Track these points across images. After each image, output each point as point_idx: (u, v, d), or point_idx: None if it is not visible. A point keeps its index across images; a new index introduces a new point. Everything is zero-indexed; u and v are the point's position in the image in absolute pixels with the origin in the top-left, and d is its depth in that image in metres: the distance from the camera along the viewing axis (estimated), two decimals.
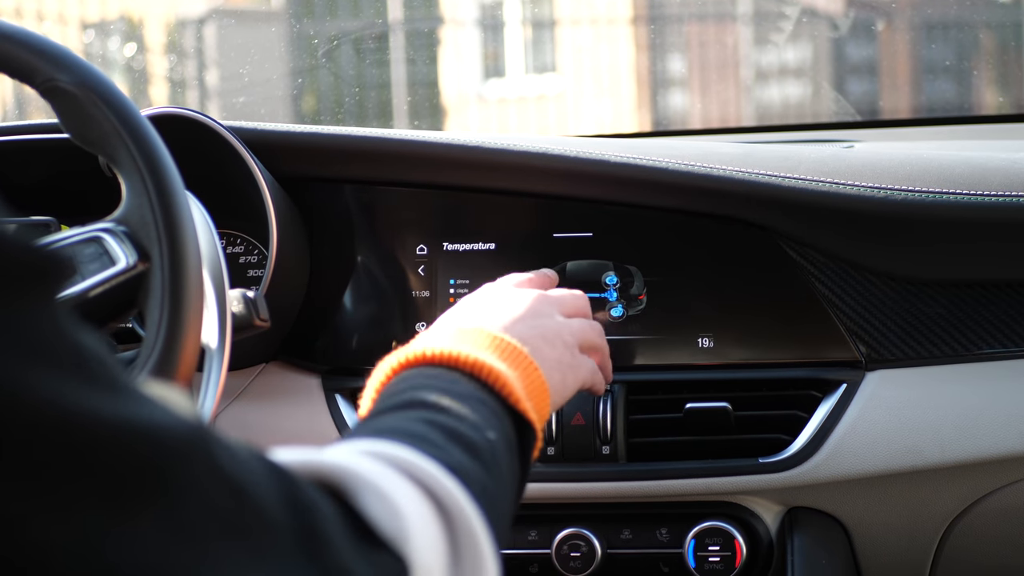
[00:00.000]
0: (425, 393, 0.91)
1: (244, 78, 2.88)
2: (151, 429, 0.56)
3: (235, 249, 1.61)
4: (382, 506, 0.72)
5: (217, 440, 0.61)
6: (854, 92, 3.34)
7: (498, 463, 0.88)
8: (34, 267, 0.54)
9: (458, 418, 0.88)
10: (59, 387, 0.52)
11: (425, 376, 0.95)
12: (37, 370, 0.52)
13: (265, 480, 0.64)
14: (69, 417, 0.52)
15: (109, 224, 1.13)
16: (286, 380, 1.55)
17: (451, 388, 0.92)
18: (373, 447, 0.79)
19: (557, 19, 4.61)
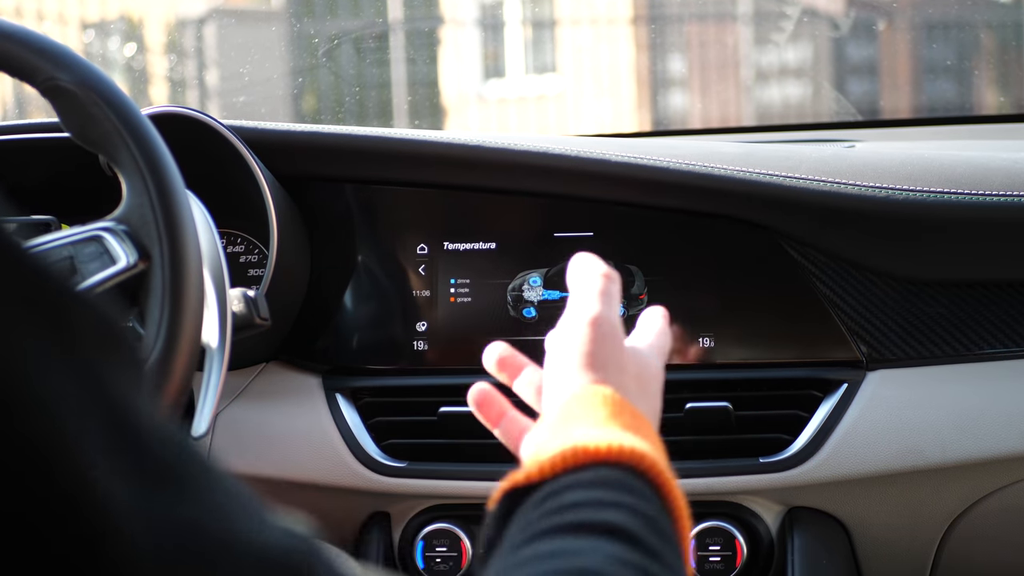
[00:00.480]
0: (626, 517, 0.67)
1: (244, 78, 2.88)
2: (240, 550, 0.45)
3: (235, 248, 1.61)
4: None
5: (327, 565, 0.50)
6: (855, 92, 3.34)
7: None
8: (115, 336, 0.47)
9: (655, 560, 0.66)
10: (117, 490, 0.43)
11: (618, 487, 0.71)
12: (112, 463, 0.43)
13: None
14: (134, 524, 0.43)
15: (109, 223, 1.13)
16: (286, 380, 1.55)
17: (655, 522, 0.69)
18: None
19: (557, 19, 4.61)
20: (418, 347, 1.52)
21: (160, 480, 0.44)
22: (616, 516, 0.67)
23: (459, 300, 1.52)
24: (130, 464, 0.43)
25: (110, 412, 0.44)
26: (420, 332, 1.52)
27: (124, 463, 0.43)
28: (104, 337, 0.46)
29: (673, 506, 0.73)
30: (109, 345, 0.46)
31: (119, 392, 0.45)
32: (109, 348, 0.46)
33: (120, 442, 0.44)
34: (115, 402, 0.45)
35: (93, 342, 0.45)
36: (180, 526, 0.44)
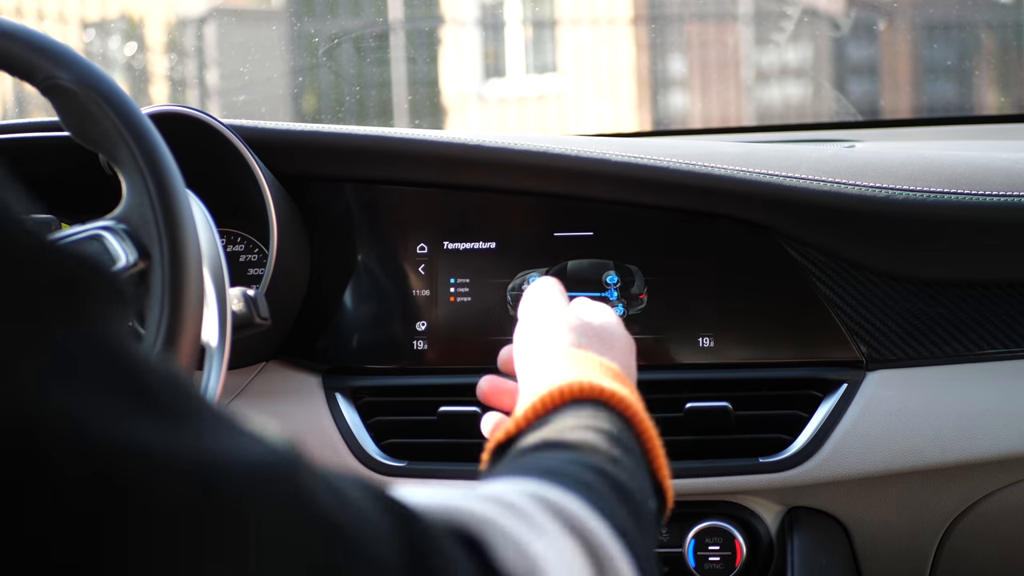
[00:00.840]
0: (596, 436, 0.81)
1: (244, 77, 2.88)
2: (224, 463, 0.49)
3: (235, 247, 1.61)
4: (518, 558, 0.63)
5: (313, 473, 0.54)
6: (855, 92, 3.34)
7: (651, 534, 0.78)
8: (78, 282, 0.50)
9: (628, 476, 0.78)
10: (110, 418, 0.46)
11: (593, 416, 0.84)
12: (85, 395, 0.46)
13: (377, 522, 0.57)
14: (119, 455, 0.46)
15: (109, 222, 1.13)
16: (286, 379, 1.55)
17: (621, 440, 0.82)
18: (538, 489, 0.70)
19: (557, 19, 4.61)
20: (418, 347, 1.52)
21: (154, 409, 0.48)
22: (581, 434, 0.80)
23: (459, 299, 1.52)
24: (124, 395, 0.48)
25: (98, 348, 0.48)
26: (420, 332, 1.52)
27: (119, 395, 0.47)
28: (82, 282, 0.50)
29: (639, 428, 0.87)
30: (88, 288, 0.50)
31: (104, 330, 0.49)
32: (88, 291, 0.50)
33: (114, 376, 0.48)
34: (100, 339, 0.49)
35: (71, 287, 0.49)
36: (177, 449, 0.47)
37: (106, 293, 0.51)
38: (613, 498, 0.74)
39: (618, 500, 0.74)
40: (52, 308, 0.48)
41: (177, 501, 0.47)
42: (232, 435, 0.51)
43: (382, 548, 0.56)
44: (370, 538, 0.55)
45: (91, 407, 0.46)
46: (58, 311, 0.48)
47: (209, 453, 0.49)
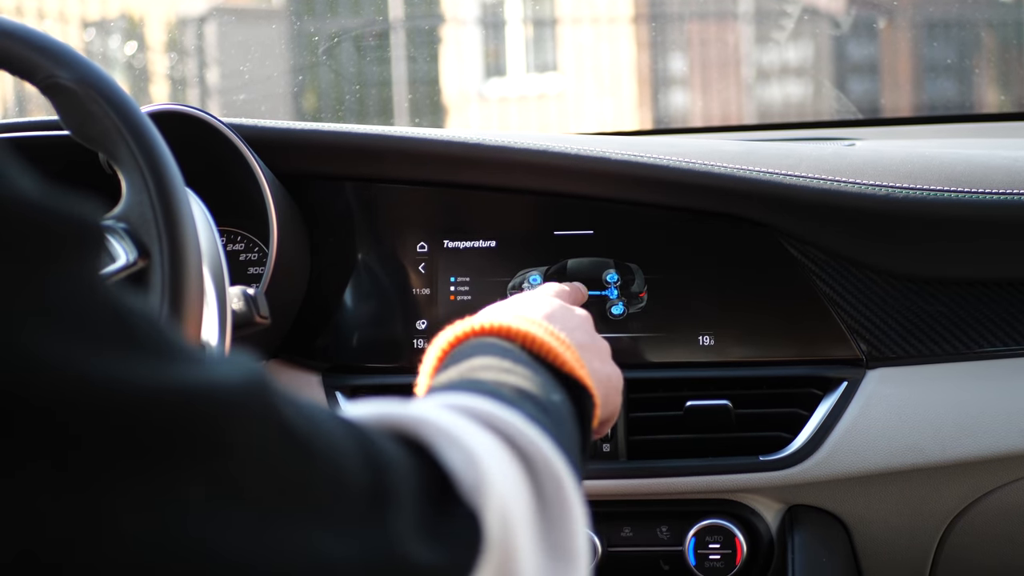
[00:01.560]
0: (485, 358, 0.90)
1: (245, 76, 2.88)
2: (201, 388, 0.53)
3: (235, 246, 1.61)
4: (461, 456, 0.69)
5: (281, 395, 0.59)
6: (855, 90, 3.34)
7: (565, 424, 0.86)
8: (67, 231, 0.53)
9: (522, 378, 0.86)
10: (95, 356, 0.50)
11: (481, 346, 0.93)
12: (71, 340, 0.50)
13: (337, 436, 0.62)
14: (105, 387, 0.50)
15: (109, 221, 1.13)
16: (287, 378, 1.55)
17: (508, 355, 0.91)
18: (450, 400, 0.76)
19: (558, 18, 4.61)
20: (418, 345, 1.52)
21: (134, 345, 0.52)
22: (489, 359, 0.89)
23: (459, 298, 1.52)
24: (107, 334, 0.52)
25: (79, 291, 0.52)
26: (420, 330, 1.52)
27: (102, 334, 0.51)
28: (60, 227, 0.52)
29: (526, 343, 0.95)
30: (66, 233, 0.53)
31: (83, 273, 0.52)
32: (66, 236, 0.53)
33: (95, 317, 0.52)
34: (80, 282, 0.52)
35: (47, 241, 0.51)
36: (157, 379, 0.52)
37: (83, 237, 0.53)
38: (515, 398, 0.81)
39: (520, 398, 0.81)
40: (33, 254, 0.50)
41: (160, 427, 0.51)
42: (207, 364, 0.55)
43: (343, 459, 0.61)
44: (333, 450, 0.60)
45: (77, 346, 0.50)
46: (39, 257, 0.51)
47: (187, 380, 0.53)
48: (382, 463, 0.64)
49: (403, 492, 0.64)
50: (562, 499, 0.74)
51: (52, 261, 0.51)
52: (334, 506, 0.59)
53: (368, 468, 0.62)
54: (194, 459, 0.52)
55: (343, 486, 0.60)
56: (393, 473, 0.64)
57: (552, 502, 0.74)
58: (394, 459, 0.65)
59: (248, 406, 0.56)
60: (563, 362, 0.94)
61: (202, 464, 0.52)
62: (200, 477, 0.52)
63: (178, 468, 0.51)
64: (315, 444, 0.59)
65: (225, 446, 0.54)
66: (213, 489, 0.53)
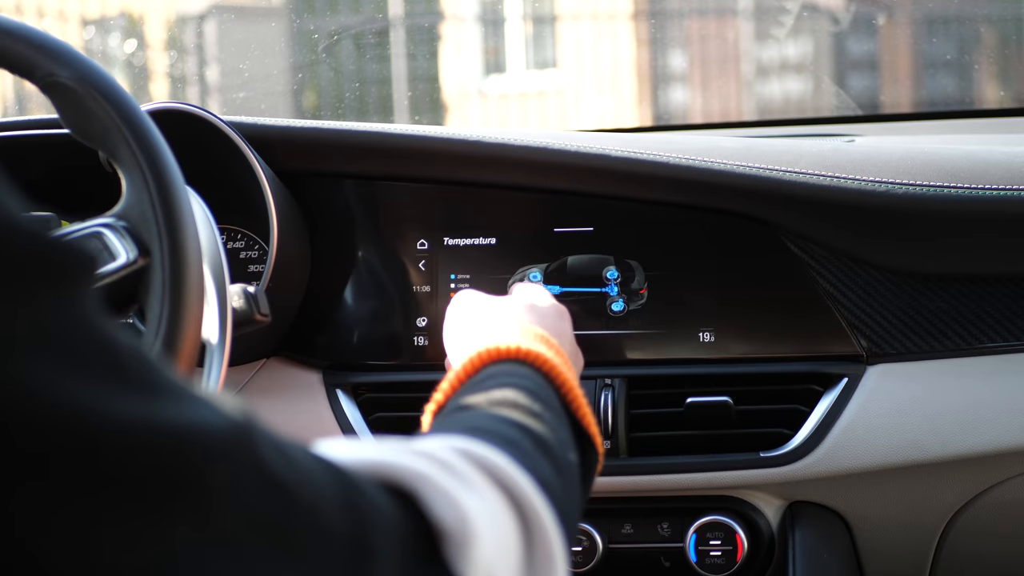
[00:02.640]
0: (515, 392, 0.87)
1: (244, 74, 2.88)
2: (186, 430, 0.53)
3: (236, 244, 1.61)
4: (451, 512, 0.68)
5: (265, 439, 0.58)
6: (855, 86, 3.34)
7: (574, 486, 0.85)
8: (56, 261, 0.52)
9: (548, 429, 0.84)
10: (84, 389, 0.50)
11: (514, 374, 0.91)
12: (61, 371, 0.50)
13: (321, 483, 0.61)
14: (92, 421, 0.50)
15: (109, 219, 1.13)
16: (287, 375, 1.55)
17: (538, 394, 0.89)
18: (464, 444, 0.75)
19: (558, 15, 4.61)
20: (418, 343, 1.52)
21: (124, 381, 0.52)
22: (503, 392, 0.86)
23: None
24: (97, 370, 0.51)
25: (72, 324, 0.52)
26: (420, 328, 1.52)
27: (91, 369, 0.51)
28: (56, 262, 0.52)
29: (558, 382, 0.94)
30: (62, 268, 0.53)
31: (76, 307, 0.52)
32: (62, 271, 0.53)
33: (86, 351, 0.52)
34: (73, 315, 0.52)
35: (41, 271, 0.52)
36: (145, 418, 0.52)
37: (76, 272, 0.54)
38: (534, 452, 0.79)
39: (539, 453, 0.80)
40: (26, 283, 0.50)
41: (144, 465, 0.51)
42: (194, 405, 0.55)
43: (326, 506, 0.60)
44: (316, 498, 0.60)
45: (66, 377, 0.50)
46: (32, 286, 0.51)
47: (173, 419, 0.53)
48: (366, 513, 0.63)
49: (386, 544, 0.63)
50: (550, 560, 0.73)
51: (45, 291, 0.51)
52: (313, 554, 0.59)
53: (350, 517, 0.61)
54: (176, 499, 0.52)
55: (323, 534, 0.59)
56: (377, 524, 0.63)
57: (541, 562, 0.73)
58: (379, 509, 0.64)
59: (232, 450, 0.55)
60: (583, 414, 0.94)
61: (183, 505, 0.52)
62: (181, 518, 0.52)
63: (160, 507, 0.51)
64: (298, 491, 0.58)
65: (208, 489, 0.53)
66: (191, 529, 0.52)
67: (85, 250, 0.55)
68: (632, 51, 4.36)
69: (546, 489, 0.76)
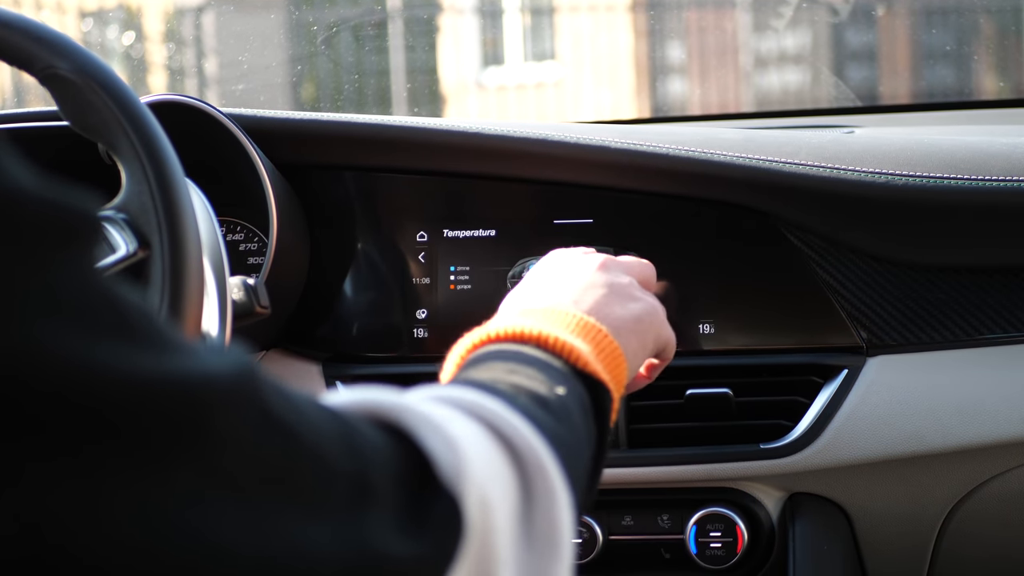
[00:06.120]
0: (492, 361, 0.89)
1: (243, 66, 2.87)
2: (192, 378, 0.54)
3: (235, 236, 1.60)
4: (441, 442, 0.69)
5: (267, 384, 0.60)
6: (854, 78, 3.34)
7: (570, 417, 0.85)
8: (62, 221, 0.53)
9: (524, 376, 0.85)
10: (92, 345, 0.51)
11: (491, 354, 0.92)
12: (67, 327, 0.51)
13: (321, 425, 0.62)
14: (101, 375, 0.51)
15: (109, 212, 1.13)
16: (287, 367, 1.55)
17: (518, 355, 0.90)
18: (436, 393, 0.77)
19: (556, 6, 4.61)
20: (418, 334, 1.52)
21: (128, 335, 0.53)
22: (489, 366, 0.87)
23: (459, 287, 1.52)
24: (102, 325, 0.52)
25: (76, 282, 0.53)
26: (420, 319, 1.52)
27: (97, 325, 0.52)
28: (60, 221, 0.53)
29: (558, 349, 0.92)
30: (66, 227, 0.53)
31: (80, 264, 0.53)
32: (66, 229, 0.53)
33: (91, 308, 0.53)
34: (77, 273, 0.53)
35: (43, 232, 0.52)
36: (150, 368, 0.53)
37: (83, 230, 0.54)
38: (511, 391, 0.81)
39: (517, 393, 0.81)
40: (30, 243, 0.51)
41: (152, 414, 0.52)
42: (198, 356, 0.56)
43: (328, 447, 0.61)
44: (318, 439, 0.61)
45: (73, 334, 0.51)
46: (36, 246, 0.51)
47: (178, 369, 0.54)
48: (364, 452, 0.64)
49: (384, 480, 0.65)
50: (548, 490, 0.74)
51: (49, 250, 0.52)
52: (317, 496, 0.60)
53: (351, 457, 0.63)
54: (182, 446, 0.53)
55: (326, 476, 0.61)
56: (375, 461, 0.65)
57: (538, 493, 0.74)
58: (376, 447, 0.66)
59: (236, 396, 0.56)
60: (577, 356, 0.93)
61: (190, 451, 0.53)
62: (188, 464, 0.53)
63: (167, 454, 0.52)
64: (300, 434, 0.60)
65: (213, 435, 0.54)
66: (201, 476, 0.54)
67: (90, 209, 0.56)
68: (630, 43, 4.35)
69: (527, 416, 0.77)
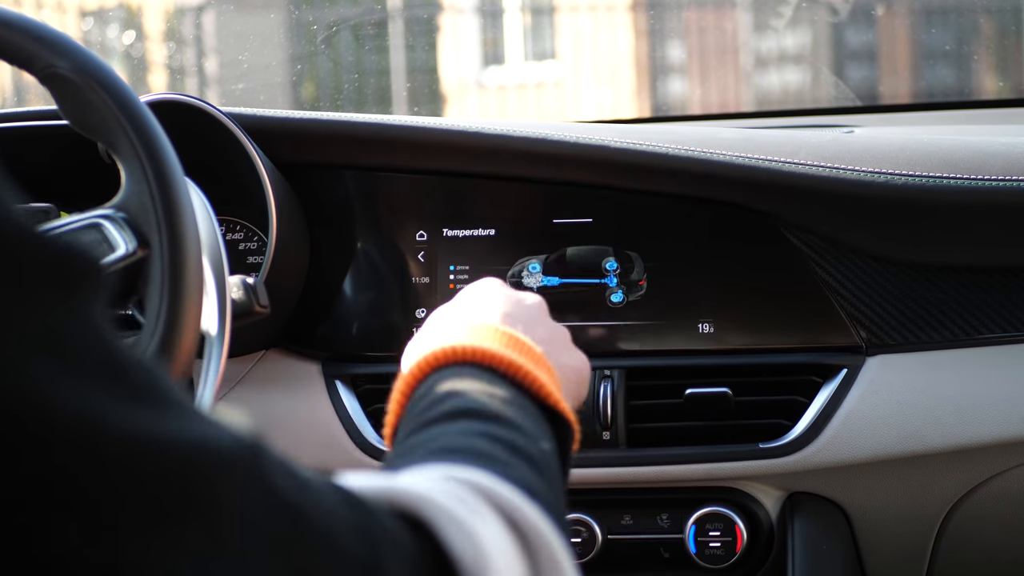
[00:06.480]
0: (470, 400, 0.83)
1: (243, 65, 2.87)
2: (193, 444, 0.52)
3: (235, 236, 1.60)
4: (463, 539, 0.66)
5: (274, 460, 0.57)
6: (854, 77, 3.34)
7: (553, 473, 0.81)
8: (67, 268, 0.52)
9: (513, 429, 0.80)
10: (92, 396, 0.49)
11: (460, 376, 0.86)
12: (68, 381, 0.49)
13: (332, 505, 0.60)
14: (99, 428, 0.49)
15: (108, 211, 1.13)
16: (286, 367, 1.55)
17: (494, 393, 0.84)
18: (449, 471, 0.72)
19: (556, 6, 4.61)
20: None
21: (132, 394, 0.52)
22: (458, 401, 0.81)
23: (458, 287, 1.52)
24: (106, 382, 0.51)
25: (81, 334, 0.51)
26: (419, 319, 1.52)
27: (101, 381, 0.51)
28: (66, 270, 0.52)
29: (510, 373, 0.87)
30: (72, 276, 0.52)
31: (86, 316, 0.52)
32: (72, 279, 0.52)
33: (95, 363, 0.51)
34: (83, 325, 0.51)
35: (49, 278, 0.51)
36: (153, 431, 0.51)
37: (89, 281, 0.53)
38: (510, 458, 0.76)
39: (515, 458, 0.77)
40: (38, 295, 0.50)
41: (150, 476, 0.50)
42: (202, 421, 0.54)
43: (339, 530, 0.59)
44: (328, 520, 0.58)
45: (75, 387, 0.49)
46: (43, 298, 0.50)
47: (181, 436, 0.52)
48: (379, 537, 0.62)
49: (400, 570, 0.62)
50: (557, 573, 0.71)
51: (51, 294, 0.51)
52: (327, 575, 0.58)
53: (364, 540, 0.60)
54: (181, 512, 0.51)
55: (337, 556, 0.58)
56: (391, 549, 0.62)
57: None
58: (393, 535, 0.63)
59: (238, 468, 0.54)
60: (547, 393, 0.88)
61: (188, 518, 0.51)
62: (186, 531, 0.51)
63: (165, 518, 0.50)
64: (310, 515, 0.57)
65: (214, 504, 0.52)
66: (199, 545, 0.52)
67: (94, 257, 0.54)
68: (631, 42, 4.36)
69: (533, 495, 0.74)
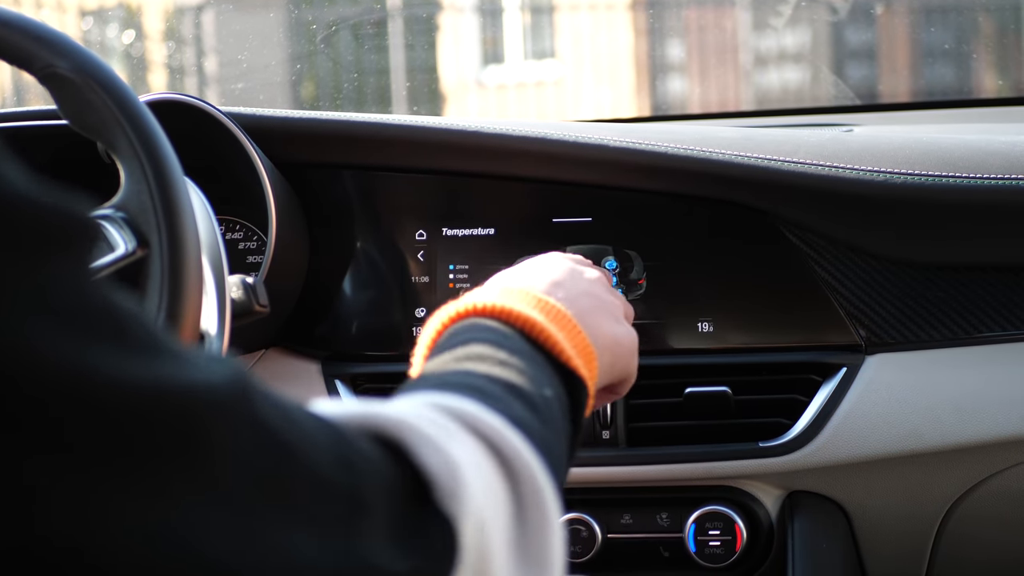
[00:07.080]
0: (480, 346, 0.88)
1: (242, 64, 2.87)
2: (187, 388, 0.54)
3: (234, 235, 1.61)
4: (440, 461, 0.68)
5: (262, 395, 0.60)
6: (853, 76, 3.34)
7: (555, 420, 0.85)
8: (59, 226, 0.54)
9: (515, 372, 0.84)
10: (87, 350, 0.51)
11: (478, 328, 0.91)
12: (58, 328, 0.51)
13: (316, 437, 0.62)
14: (95, 380, 0.51)
15: (108, 210, 1.13)
16: (286, 366, 1.55)
17: (504, 343, 0.89)
18: (435, 399, 0.76)
19: (556, 5, 4.61)
20: (417, 333, 1.52)
21: (125, 343, 0.53)
22: (475, 346, 0.87)
23: (458, 286, 1.52)
24: (100, 332, 0.53)
25: (74, 288, 0.53)
26: (419, 318, 1.52)
27: (94, 332, 0.52)
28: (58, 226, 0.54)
29: (525, 329, 0.92)
30: (63, 232, 0.54)
31: (78, 270, 0.54)
32: (63, 235, 0.54)
33: (89, 315, 0.53)
34: (75, 279, 0.53)
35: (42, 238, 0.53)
36: (146, 376, 0.53)
37: (82, 237, 0.55)
38: (504, 395, 0.80)
39: (510, 395, 0.80)
40: (27, 247, 0.52)
41: (145, 422, 0.52)
42: (193, 365, 0.56)
43: (322, 460, 0.61)
44: (313, 452, 0.61)
45: (68, 338, 0.51)
46: (33, 250, 0.52)
47: (173, 377, 0.54)
48: (359, 466, 0.64)
49: (379, 495, 0.64)
50: (541, 508, 0.74)
51: (44, 253, 0.52)
52: (311, 507, 0.60)
53: (345, 470, 0.63)
54: (173, 454, 0.53)
55: (319, 488, 0.60)
56: (370, 476, 0.64)
57: (531, 510, 0.73)
58: (371, 461, 0.65)
59: (229, 406, 0.56)
60: (560, 350, 0.92)
61: (180, 460, 0.53)
62: (178, 473, 0.53)
63: (157, 462, 0.52)
64: (294, 446, 0.60)
65: (204, 444, 0.54)
66: (191, 485, 0.54)
67: (87, 215, 0.56)
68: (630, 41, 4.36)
69: (522, 429, 0.76)
